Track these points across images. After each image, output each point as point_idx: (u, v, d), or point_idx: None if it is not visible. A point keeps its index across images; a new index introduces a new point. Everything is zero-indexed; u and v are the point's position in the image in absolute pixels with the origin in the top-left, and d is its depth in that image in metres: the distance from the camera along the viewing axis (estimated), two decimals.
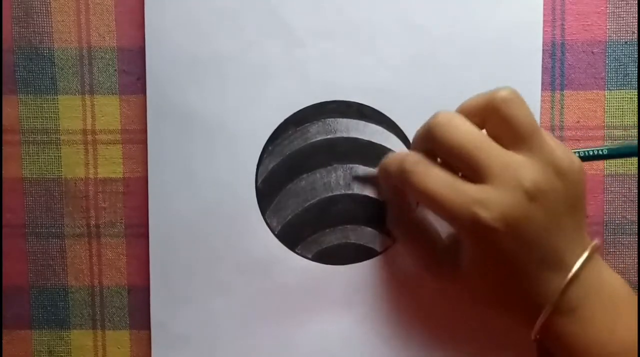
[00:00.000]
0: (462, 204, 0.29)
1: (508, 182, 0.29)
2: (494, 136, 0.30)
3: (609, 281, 0.31)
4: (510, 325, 0.33)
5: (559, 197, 0.29)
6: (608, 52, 0.36)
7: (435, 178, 0.30)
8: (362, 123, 0.37)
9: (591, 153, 0.33)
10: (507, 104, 0.29)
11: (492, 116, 0.30)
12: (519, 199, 0.28)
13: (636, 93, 0.36)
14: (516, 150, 0.30)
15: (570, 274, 0.29)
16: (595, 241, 0.31)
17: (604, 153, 0.33)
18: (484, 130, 0.31)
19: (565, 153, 0.30)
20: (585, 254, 0.30)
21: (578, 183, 0.30)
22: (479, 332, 0.37)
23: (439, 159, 0.31)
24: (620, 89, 0.37)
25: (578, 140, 0.37)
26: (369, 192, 0.37)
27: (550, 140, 0.30)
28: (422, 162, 0.30)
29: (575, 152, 0.32)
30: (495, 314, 0.33)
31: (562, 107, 0.37)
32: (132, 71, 0.38)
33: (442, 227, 0.34)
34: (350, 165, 0.37)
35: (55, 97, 0.38)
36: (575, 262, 0.29)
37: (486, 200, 0.28)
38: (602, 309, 0.30)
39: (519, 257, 0.29)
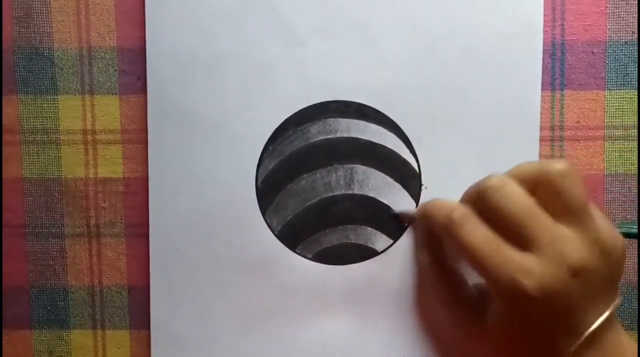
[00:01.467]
0: (504, 269, 0.29)
1: (553, 256, 0.29)
2: (543, 205, 0.30)
3: (627, 346, 0.31)
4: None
5: (599, 275, 0.30)
6: (608, 52, 0.36)
7: (482, 237, 0.30)
8: (362, 123, 0.37)
9: (633, 231, 0.33)
10: (562, 179, 0.30)
11: (545, 187, 0.30)
12: (562, 274, 0.29)
13: (636, 93, 0.36)
14: (564, 223, 0.30)
15: (587, 333, 0.29)
16: (617, 301, 0.31)
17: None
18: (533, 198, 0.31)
19: (611, 232, 0.30)
20: (606, 314, 0.30)
21: (619, 262, 0.30)
22: None
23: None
24: (620, 89, 0.37)
25: (578, 140, 0.37)
26: (369, 192, 0.37)
27: (597, 217, 0.30)
28: (471, 218, 0.31)
29: (618, 227, 0.32)
30: None
31: (562, 107, 0.37)
32: (132, 71, 0.38)
33: (471, 277, 0.34)
34: (351, 165, 0.37)
35: (55, 97, 0.38)
36: (593, 325, 0.30)
37: (530, 269, 0.29)
38: None
39: (549, 325, 0.30)
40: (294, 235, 0.37)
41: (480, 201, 0.31)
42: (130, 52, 0.37)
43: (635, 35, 0.36)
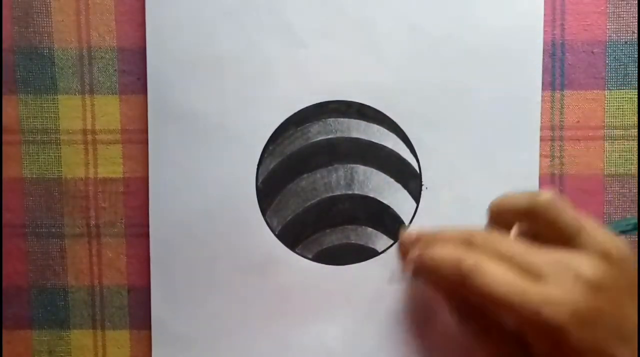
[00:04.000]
0: (532, 308, 0.28)
1: (566, 278, 0.28)
2: (540, 234, 0.30)
3: None
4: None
5: (619, 284, 0.29)
6: (608, 52, 0.36)
7: (502, 282, 0.29)
8: (363, 123, 0.37)
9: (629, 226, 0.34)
10: (551, 210, 0.30)
11: (537, 220, 0.31)
12: (583, 293, 0.28)
13: (636, 93, 0.36)
14: (566, 247, 0.30)
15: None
16: None
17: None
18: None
19: (612, 241, 0.30)
20: None
21: (630, 263, 0.30)
22: None
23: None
24: (620, 89, 0.37)
25: (578, 140, 0.37)
26: (370, 193, 0.37)
27: (595, 231, 0.30)
28: (482, 265, 0.30)
29: (614, 228, 0.32)
30: None
31: (562, 107, 0.37)
32: (132, 71, 0.38)
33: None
34: (351, 165, 0.37)
35: (55, 97, 0.38)
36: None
37: (551, 299, 0.28)
38: None
39: (598, 345, 0.29)
40: (294, 235, 0.37)
41: (480, 249, 0.30)
42: (130, 52, 0.37)
43: (635, 35, 0.36)
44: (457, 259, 0.31)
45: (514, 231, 0.32)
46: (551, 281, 0.29)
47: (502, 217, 0.32)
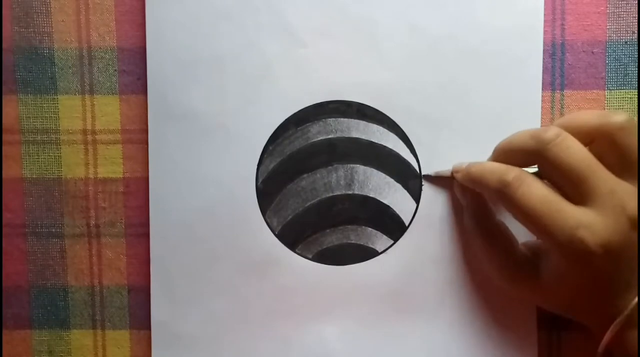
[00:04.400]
0: (565, 226, 0.29)
1: (613, 208, 0.29)
2: (600, 157, 0.30)
3: None
4: (515, 324, 0.35)
5: None
6: (608, 52, 0.36)
7: (540, 197, 0.30)
8: (362, 123, 0.37)
9: None
10: (623, 133, 0.30)
11: (604, 140, 0.30)
12: (622, 226, 0.29)
13: (636, 93, 0.36)
14: (622, 175, 0.30)
15: None
16: None
17: None
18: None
19: None
20: None
21: None
22: (480, 332, 0.37)
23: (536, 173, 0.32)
24: (620, 89, 0.37)
25: None
26: (370, 193, 0.37)
27: None
28: (526, 179, 0.30)
29: None
30: (563, 314, 0.34)
31: (562, 107, 0.37)
32: (132, 71, 0.38)
33: (520, 235, 0.34)
34: (351, 165, 0.37)
35: (55, 97, 0.38)
36: None
37: (591, 224, 0.29)
38: None
39: (611, 277, 0.30)
40: (294, 235, 0.37)
41: (537, 157, 0.31)
42: (130, 52, 0.37)
43: (635, 35, 0.36)
44: (503, 169, 0.31)
45: None
46: (599, 208, 0.29)
47: (569, 132, 0.31)
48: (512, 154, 0.32)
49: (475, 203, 0.35)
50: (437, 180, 0.37)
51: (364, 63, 0.36)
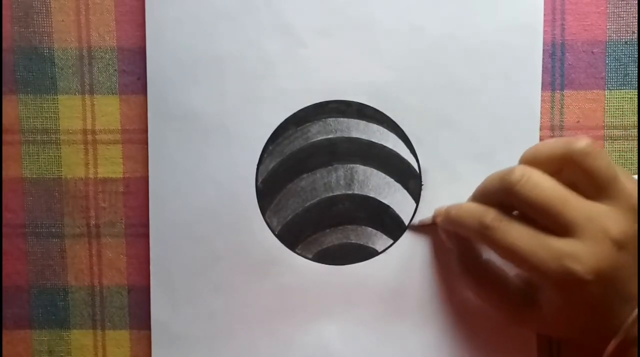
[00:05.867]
0: (551, 259, 0.29)
1: (595, 234, 0.29)
2: (571, 183, 0.30)
3: None
4: (516, 329, 0.35)
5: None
6: (608, 52, 0.36)
7: (521, 234, 0.30)
8: (362, 123, 0.37)
9: None
10: (588, 157, 0.30)
11: (571, 167, 0.30)
12: (609, 250, 0.29)
13: (636, 93, 0.36)
14: (597, 199, 0.30)
15: None
16: None
17: None
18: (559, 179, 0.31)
19: None
20: None
21: None
22: (480, 332, 0.37)
23: (515, 212, 0.31)
24: (620, 89, 0.37)
25: None
26: (370, 193, 0.37)
27: (628, 183, 0.30)
28: (504, 219, 0.31)
29: None
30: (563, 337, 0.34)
31: (562, 107, 0.37)
32: (132, 71, 0.38)
33: (510, 270, 0.34)
34: (351, 165, 0.37)
35: (55, 97, 0.38)
36: None
37: (577, 254, 0.29)
38: None
39: (606, 300, 0.30)
40: (294, 235, 0.37)
41: (508, 196, 0.31)
42: (130, 52, 0.37)
43: (635, 35, 0.36)
44: (481, 212, 0.31)
45: None
46: (581, 237, 0.29)
47: (535, 166, 0.31)
48: (487, 196, 0.33)
49: (461, 246, 0.35)
50: (423, 228, 0.37)
51: (364, 63, 0.36)
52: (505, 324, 0.36)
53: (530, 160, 0.32)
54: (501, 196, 0.31)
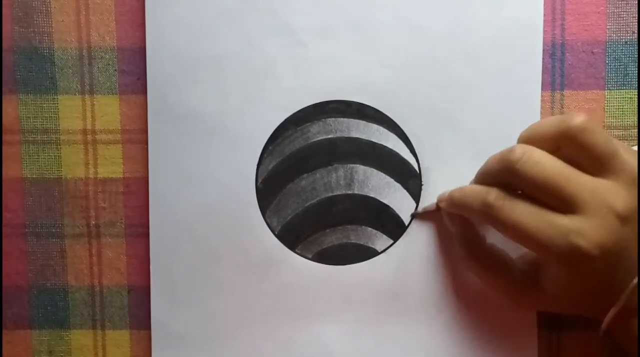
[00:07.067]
0: (557, 236, 0.29)
1: (599, 210, 0.29)
2: (572, 160, 0.30)
3: None
4: (514, 324, 0.35)
5: None
6: (608, 52, 0.36)
7: (525, 212, 0.30)
8: (362, 123, 0.37)
9: None
10: (584, 133, 0.30)
11: (569, 144, 0.30)
12: (613, 225, 0.29)
13: (636, 93, 0.36)
14: (598, 174, 0.30)
15: None
16: None
17: None
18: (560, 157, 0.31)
19: None
20: None
21: None
22: (480, 332, 0.37)
23: (519, 191, 0.31)
24: (620, 89, 0.37)
25: None
26: (370, 192, 0.37)
27: (628, 157, 0.30)
28: (507, 197, 0.31)
29: None
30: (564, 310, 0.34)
31: (562, 107, 0.37)
32: (132, 71, 0.38)
33: (513, 251, 0.34)
34: (351, 165, 0.37)
35: (55, 97, 0.38)
36: None
37: (583, 229, 0.29)
38: None
39: (610, 274, 0.30)
40: (294, 235, 0.37)
41: (511, 176, 0.31)
42: (130, 52, 0.37)
43: (635, 35, 0.36)
44: (484, 192, 0.31)
45: None
46: (585, 212, 0.29)
47: (533, 145, 0.31)
48: (489, 178, 0.32)
49: (464, 230, 0.35)
50: (427, 215, 0.37)
51: (364, 63, 0.36)
52: (505, 324, 0.36)
53: (528, 139, 0.32)
54: (503, 176, 0.31)
